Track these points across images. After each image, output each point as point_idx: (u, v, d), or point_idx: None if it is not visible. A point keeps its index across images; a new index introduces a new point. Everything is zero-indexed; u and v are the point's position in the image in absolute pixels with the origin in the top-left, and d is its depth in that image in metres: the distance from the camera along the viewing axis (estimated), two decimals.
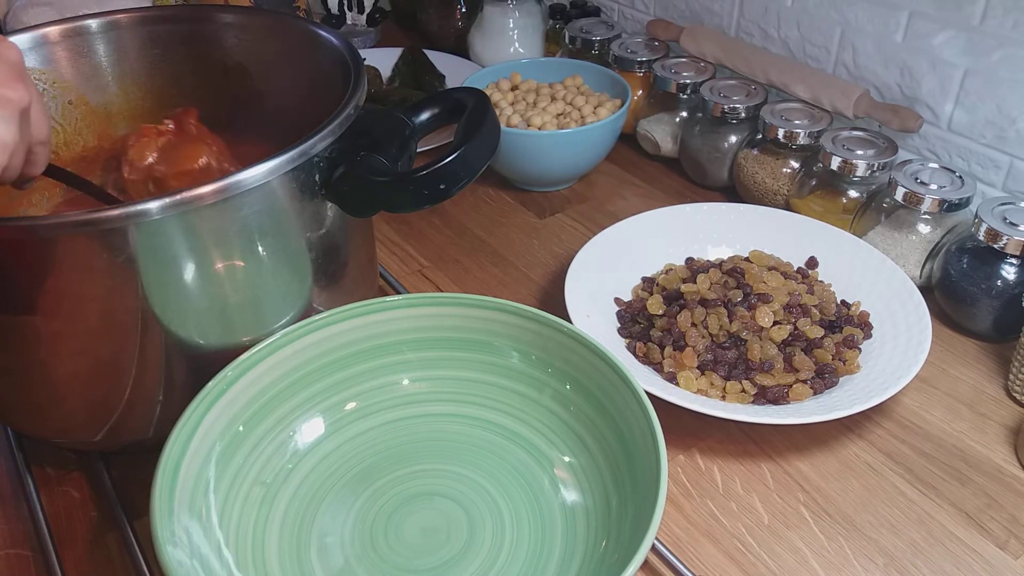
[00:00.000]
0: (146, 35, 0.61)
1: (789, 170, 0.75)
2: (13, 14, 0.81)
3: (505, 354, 0.54)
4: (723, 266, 0.63)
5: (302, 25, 0.60)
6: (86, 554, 0.49)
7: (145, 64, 0.62)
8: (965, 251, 0.62)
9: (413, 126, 0.55)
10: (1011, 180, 0.69)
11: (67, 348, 0.46)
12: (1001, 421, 0.57)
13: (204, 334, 0.48)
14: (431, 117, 0.56)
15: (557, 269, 0.73)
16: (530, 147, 0.77)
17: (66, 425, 0.51)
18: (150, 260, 0.43)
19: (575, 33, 0.93)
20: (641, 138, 0.87)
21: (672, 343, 0.59)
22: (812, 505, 0.52)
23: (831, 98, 0.74)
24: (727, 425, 0.57)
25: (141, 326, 0.45)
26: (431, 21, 1.10)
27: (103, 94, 0.61)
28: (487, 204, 0.82)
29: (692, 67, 0.84)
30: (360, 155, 0.49)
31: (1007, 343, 0.63)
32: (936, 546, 0.49)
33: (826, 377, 0.57)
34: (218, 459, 0.47)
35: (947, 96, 0.70)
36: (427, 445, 0.53)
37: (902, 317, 0.60)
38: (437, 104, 0.56)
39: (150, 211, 0.40)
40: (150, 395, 0.48)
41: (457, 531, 0.48)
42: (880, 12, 0.73)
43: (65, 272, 0.43)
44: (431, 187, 0.48)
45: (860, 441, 0.56)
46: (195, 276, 0.45)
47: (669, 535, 0.50)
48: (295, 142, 0.45)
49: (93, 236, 0.41)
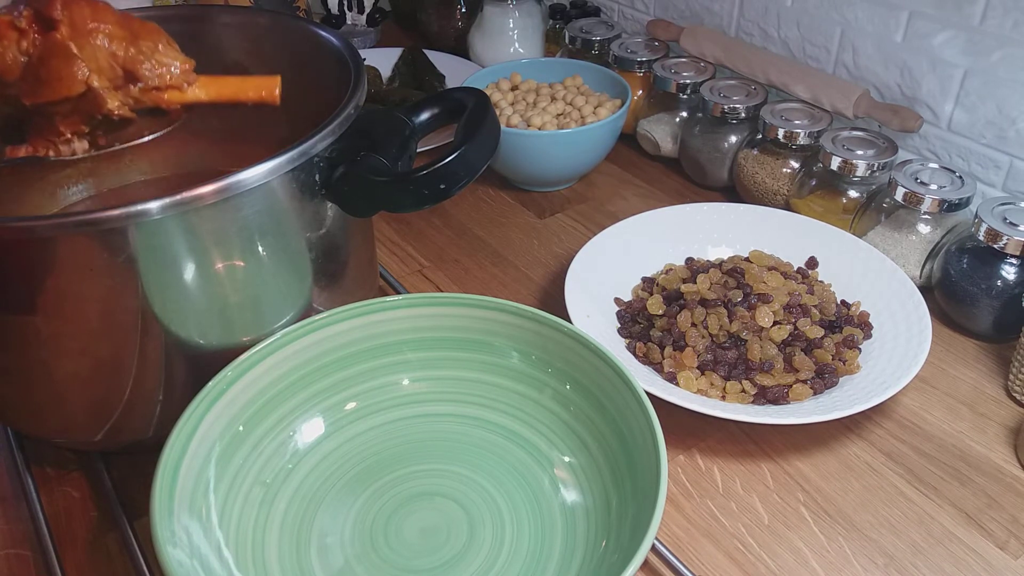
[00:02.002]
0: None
1: (789, 170, 0.75)
2: None
3: (505, 354, 0.54)
4: (723, 266, 0.63)
5: (301, 26, 0.60)
6: (86, 554, 0.49)
7: None
8: (965, 251, 0.62)
9: (413, 126, 0.55)
10: (1011, 180, 0.69)
11: (67, 348, 0.46)
12: (1001, 421, 0.57)
13: (204, 334, 0.48)
14: (431, 117, 0.56)
15: (557, 269, 0.73)
16: (530, 147, 0.77)
17: (66, 425, 0.51)
18: (150, 260, 0.43)
19: (575, 33, 0.93)
20: (641, 138, 0.87)
21: (672, 343, 0.59)
22: (812, 505, 0.52)
23: (831, 98, 0.74)
24: (727, 425, 0.57)
25: (141, 326, 0.45)
26: (431, 21, 1.10)
27: None
28: (487, 204, 0.82)
29: (692, 67, 0.85)
30: (360, 155, 0.49)
31: (1007, 343, 0.63)
32: (936, 546, 0.49)
33: (826, 377, 0.57)
34: (218, 459, 0.47)
35: (947, 96, 0.70)
36: (427, 445, 0.53)
37: (902, 317, 0.60)
38: (437, 104, 0.56)
39: (150, 211, 0.40)
40: (150, 395, 0.48)
41: (457, 531, 0.48)
42: (880, 12, 0.73)
43: (65, 272, 0.43)
44: (431, 187, 0.48)
45: (860, 441, 0.56)
46: (195, 276, 0.45)
47: (669, 535, 0.50)
48: (295, 142, 0.45)
49: (93, 236, 0.41)
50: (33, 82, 0.44)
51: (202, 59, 0.62)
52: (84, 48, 0.44)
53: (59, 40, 0.43)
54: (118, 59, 0.45)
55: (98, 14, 0.45)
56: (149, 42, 0.46)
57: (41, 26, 0.44)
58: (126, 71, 0.46)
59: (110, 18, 0.45)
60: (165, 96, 0.48)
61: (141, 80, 0.46)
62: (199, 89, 0.49)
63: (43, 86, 0.44)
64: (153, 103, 0.48)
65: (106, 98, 0.45)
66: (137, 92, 0.47)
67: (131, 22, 0.46)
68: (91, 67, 0.44)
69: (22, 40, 0.44)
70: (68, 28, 0.44)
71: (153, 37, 0.47)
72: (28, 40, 0.44)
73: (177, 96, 0.48)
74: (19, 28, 0.44)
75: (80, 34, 0.44)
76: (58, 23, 0.43)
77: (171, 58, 0.47)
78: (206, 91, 0.49)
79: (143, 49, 0.46)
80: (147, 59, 0.46)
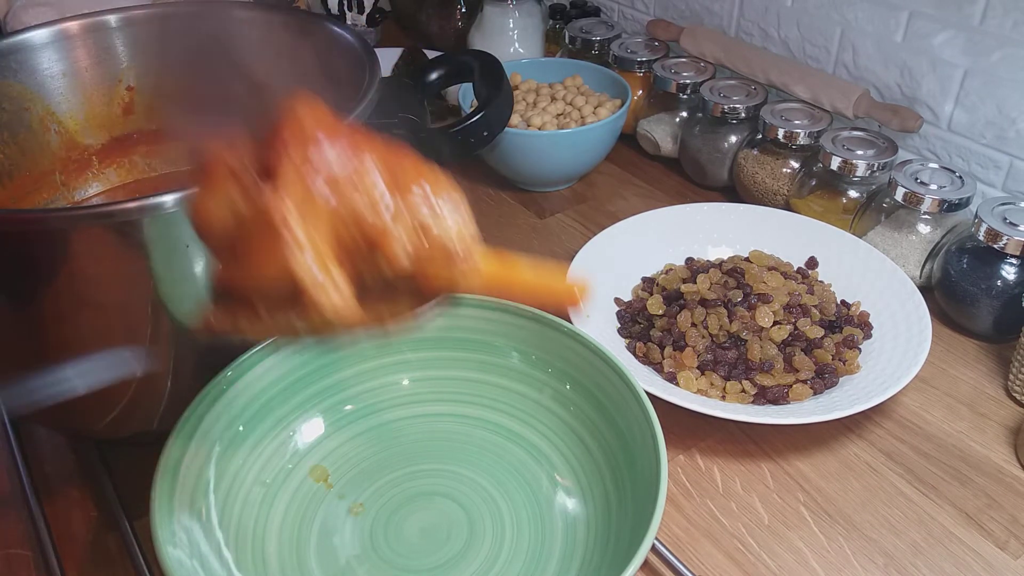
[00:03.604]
0: (157, 30, 0.61)
1: (789, 170, 0.75)
2: (13, 14, 0.81)
3: (505, 354, 0.54)
4: (723, 266, 0.63)
5: (316, 21, 0.60)
6: (86, 554, 0.49)
7: (155, 59, 0.62)
8: (965, 251, 0.62)
9: (422, 87, 0.59)
10: (1011, 180, 0.69)
11: (79, 336, 0.46)
12: (1001, 421, 0.57)
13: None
14: (439, 77, 0.60)
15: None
16: (530, 147, 0.77)
17: (70, 412, 0.50)
18: (160, 252, 0.43)
19: (575, 33, 0.93)
20: (641, 138, 0.87)
21: (672, 343, 0.59)
22: (812, 505, 0.52)
23: (831, 98, 0.74)
24: (727, 425, 0.57)
25: (151, 316, 0.45)
26: (431, 21, 1.10)
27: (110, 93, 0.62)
28: (487, 204, 0.82)
29: (692, 67, 0.84)
30: (397, 118, 0.53)
31: (1007, 343, 0.63)
32: (936, 546, 0.49)
33: (826, 377, 0.57)
34: (218, 459, 0.47)
35: (947, 96, 0.70)
36: (427, 445, 0.53)
37: (902, 317, 0.60)
38: (443, 66, 0.60)
39: (164, 204, 0.41)
40: (158, 385, 0.48)
41: (457, 531, 0.48)
42: (880, 12, 0.73)
43: (79, 264, 0.43)
44: (476, 135, 0.54)
45: (860, 441, 0.56)
46: (208, 267, 0.45)
47: (669, 535, 0.50)
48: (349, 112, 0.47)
49: (109, 228, 0.41)
50: (231, 249, 0.32)
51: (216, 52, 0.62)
52: (308, 211, 0.30)
53: (279, 202, 0.30)
54: (362, 227, 0.31)
55: (348, 151, 0.31)
56: (415, 196, 0.31)
57: (265, 177, 0.31)
58: (368, 241, 0.31)
59: (362, 162, 0.31)
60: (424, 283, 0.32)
61: (391, 262, 0.31)
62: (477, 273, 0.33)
63: (243, 256, 0.32)
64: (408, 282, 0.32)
65: (328, 297, 0.31)
66: (379, 272, 0.32)
67: (393, 163, 0.32)
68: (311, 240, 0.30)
69: (236, 190, 0.31)
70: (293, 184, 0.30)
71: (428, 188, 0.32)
72: (243, 192, 0.31)
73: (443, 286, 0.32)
74: (237, 175, 0.31)
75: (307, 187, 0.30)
76: (279, 176, 0.30)
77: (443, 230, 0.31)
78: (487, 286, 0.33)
79: (402, 209, 0.31)
80: (404, 230, 0.31)
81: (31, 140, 0.59)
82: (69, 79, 0.59)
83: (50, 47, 0.58)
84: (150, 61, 0.62)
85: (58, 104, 0.59)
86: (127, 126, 0.63)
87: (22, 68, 0.57)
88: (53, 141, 0.60)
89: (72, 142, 0.61)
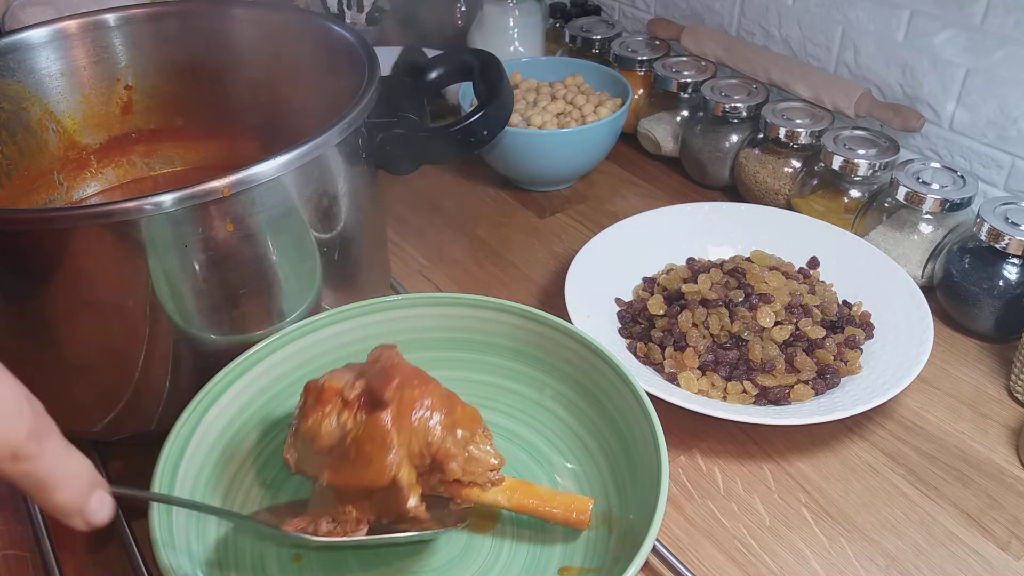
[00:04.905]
0: (155, 30, 0.61)
1: (790, 169, 0.74)
2: (11, 13, 0.81)
3: (505, 354, 0.53)
4: (724, 266, 0.62)
5: (316, 20, 0.60)
6: (84, 555, 0.49)
7: (154, 58, 0.62)
8: (967, 251, 0.62)
9: (423, 86, 0.59)
10: (1013, 180, 0.68)
11: (77, 336, 0.46)
12: (1003, 422, 0.57)
13: (214, 327, 0.48)
14: (439, 76, 0.60)
15: (557, 269, 0.72)
16: (530, 146, 0.76)
17: (70, 412, 0.50)
18: (158, 251, 0.43)
19: (575, 32, 0.93)
20: (642, 137, 0.87)
21: (673, 343, 0.58)
22: (813, 506, 0.52)
23: (832, 97, 0.74)
24: (728, 426, 0.57)
25: (150, 316, 0.45)
26: (431, 20, 1.10)
27: (108, 92, 0.61)
28: (487, 204, 0.81)
29: (693, 66, 0.84)
30: (395, 118, 0.53)
31: (1009, 343, 0.63)
32: (938, 547, 0.49)
33: (827, 377, 0.57)
34: (218, 459, 0.47)
35: (949, 95, 0.70)
36: None
37: (903, 317, 0.60)
38: (443, 64, 0.60)
39: (164, 203, 0.41)
40: (157, 385, 0.48)
41: (457, 532, 0.47)
42: (881, 11, 0.72)
43: (79, 263, 0.43)
44: (476, 135, 0.53)
45: (861, 442, 0.56)
46: (206, 267, 0.45)
47: (670, 536, 0.50)
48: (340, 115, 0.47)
49: (108, 228, 0.42)
50: (340, 459, 0.40)
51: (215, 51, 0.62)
52: (402, 431, 0.40)
53: (382, 425, 0.40)
54: (431, 448, 0.40)
55: (427, 393, 0.41)
56: (467, 431, 0.42)
57: (368, 403, 0.40)
58: (435, 460, 0.41)
59: (437, 402, 0.41)
60: (463, 492, 0.43)
61: (447, 475, 0.41)
62: (501, 494, 0.44)
63: (349, 467, 0.40)
64: (448, 495, 0.43)
65: (408, 496, 0.40)
66: (436, 482, 0.42)
67: (454, 405, 0.43)
68: (402, 453, 0.40)
69: (344, 411, 0.41)
70: (395, 412, 0.40)
71: (471, 426, 0.43)
72: (351, 414, 0.41)
73: (475, 495, 0.43)
74: (346, 400, 0.41)
75: (404, 416, 0.40)
76: (387, 405, 0.40)
77: (484, 454, 0.43)
78: (508, 497, 0.44)
79: (459, 439, 0.41)
80: (460, 453, 0.41)
81: (29, 139, 0.58)
82: (67, 78, 0.59)
83: (48, 46, 0.58)
84: (149, 60, 0.62)
85: (56, 103, 0.59)
86: (125, 125, 0.63)
87: (20, 67, 0.57)
88: (51, 140, 0.60)
89: (70, 141, 0.61)
